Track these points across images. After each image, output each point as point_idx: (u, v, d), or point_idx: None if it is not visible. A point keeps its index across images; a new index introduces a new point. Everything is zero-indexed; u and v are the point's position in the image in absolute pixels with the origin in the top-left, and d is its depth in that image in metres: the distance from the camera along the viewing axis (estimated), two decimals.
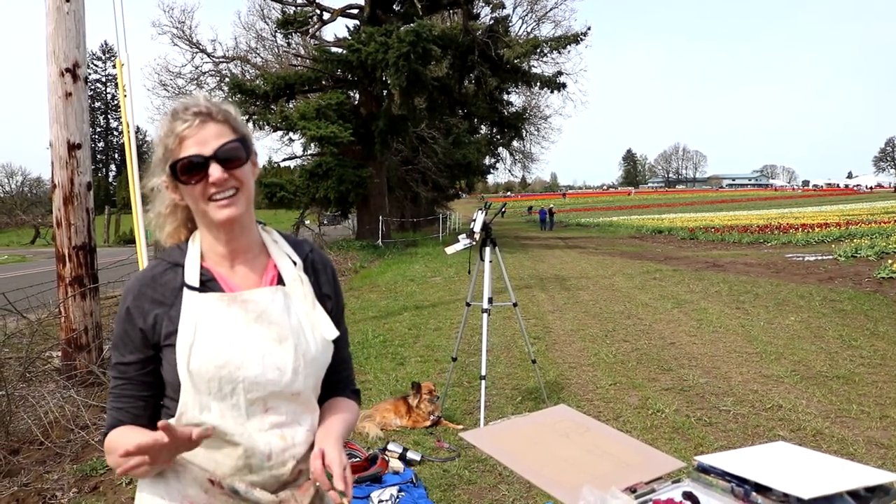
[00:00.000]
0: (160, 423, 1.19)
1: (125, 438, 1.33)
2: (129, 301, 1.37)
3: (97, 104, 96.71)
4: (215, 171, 1.34)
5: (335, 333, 1.47)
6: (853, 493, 1.33)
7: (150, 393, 1.39)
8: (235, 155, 1.37)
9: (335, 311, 1.53)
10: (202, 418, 1.33)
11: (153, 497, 1.40)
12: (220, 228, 1.39)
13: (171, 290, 1.37)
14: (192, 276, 1.38)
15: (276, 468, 1.39)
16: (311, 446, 1.41)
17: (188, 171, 1.34)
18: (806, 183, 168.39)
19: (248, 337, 1.36)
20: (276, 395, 1.38)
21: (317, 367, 1.44)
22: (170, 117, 1.37)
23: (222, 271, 1.42)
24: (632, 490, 1.47)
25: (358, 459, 4.21)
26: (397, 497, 3.81)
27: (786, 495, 1.32)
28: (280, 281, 1.46)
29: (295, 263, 1.49)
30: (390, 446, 4.47)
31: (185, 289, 1.37)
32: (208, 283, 1.39)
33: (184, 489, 1.38)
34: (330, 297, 1.53)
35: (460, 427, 5.11)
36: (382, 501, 3.75)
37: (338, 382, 1.56)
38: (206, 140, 1.34)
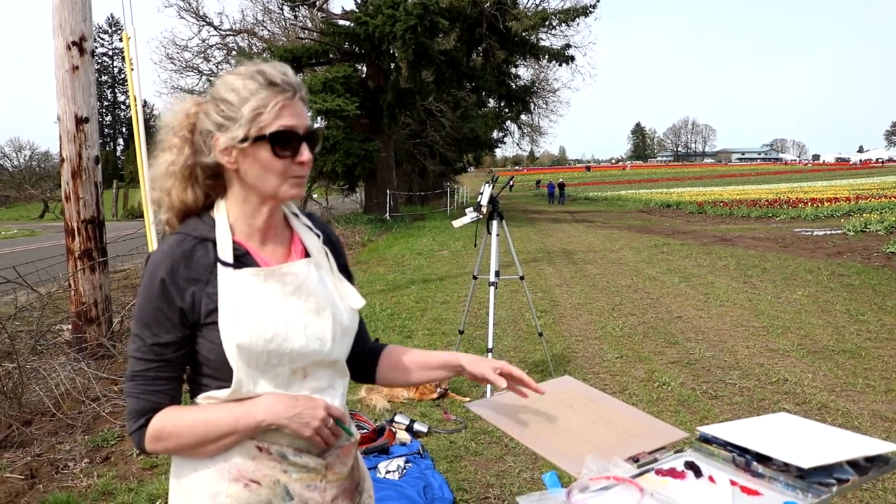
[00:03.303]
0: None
1: (198, 414, 1.33)
2: (160, 279, 1.31)
3: (104, 78, 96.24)
4: (306, 150, 1.34)
5: (362, 302, 1.51)
6: (853, 463, 1.35)
7: (183, 373, 1.38)
8: (317, 140, 1.38)
9: (351, 282, 1.57)
10: (256, 391, 1.34)
11: (195, 468, 1.37)
12: (268, 204, 1.39)
13: (204, 266, 1.34)
14: (225, 252, 1.35)
15: None
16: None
17: (285, 142, 1.32)
18: (816, 157, 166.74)
19: (288, 310, 1.36)
20: (316, 363, 1.40)
21: (349, 334, 1.48)
22: (263, 79, 1.31)
23: (254, 245, 1.40)
24: (634, 459, 1.48)
25: (365, 431, 4.26)
26: (404, 468, 3.85)
27: (786, 464, 1.34)
28: (307, 254, 1.46)
29: (319, 236, 1.51)
30: (397, 418, 4.52)
31: (219, 265, 1.34)
32: (242, 259, 1.37)
33: (229, 457, 1.35)
34: (347, 270, 1.56)
35: (467, 399, 5.15)
36: (389, 472, 3.80)
37: (365, 341, 1.62)
38: (300, 115, 1.34)
